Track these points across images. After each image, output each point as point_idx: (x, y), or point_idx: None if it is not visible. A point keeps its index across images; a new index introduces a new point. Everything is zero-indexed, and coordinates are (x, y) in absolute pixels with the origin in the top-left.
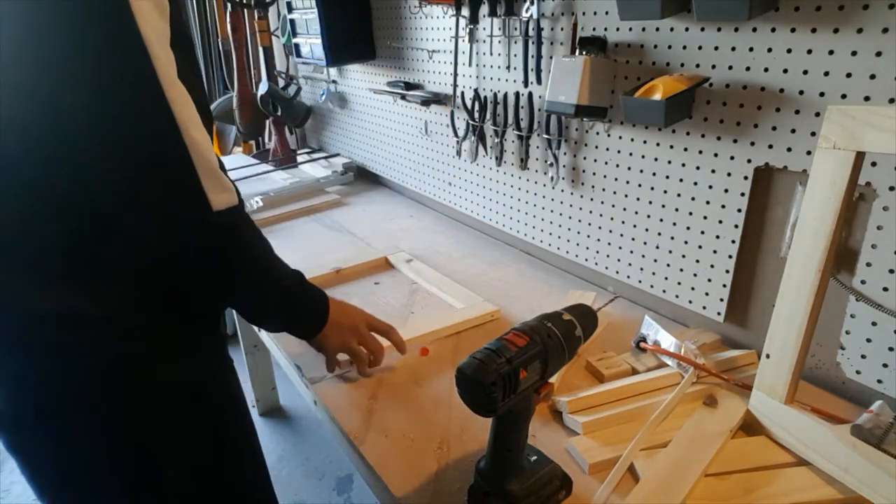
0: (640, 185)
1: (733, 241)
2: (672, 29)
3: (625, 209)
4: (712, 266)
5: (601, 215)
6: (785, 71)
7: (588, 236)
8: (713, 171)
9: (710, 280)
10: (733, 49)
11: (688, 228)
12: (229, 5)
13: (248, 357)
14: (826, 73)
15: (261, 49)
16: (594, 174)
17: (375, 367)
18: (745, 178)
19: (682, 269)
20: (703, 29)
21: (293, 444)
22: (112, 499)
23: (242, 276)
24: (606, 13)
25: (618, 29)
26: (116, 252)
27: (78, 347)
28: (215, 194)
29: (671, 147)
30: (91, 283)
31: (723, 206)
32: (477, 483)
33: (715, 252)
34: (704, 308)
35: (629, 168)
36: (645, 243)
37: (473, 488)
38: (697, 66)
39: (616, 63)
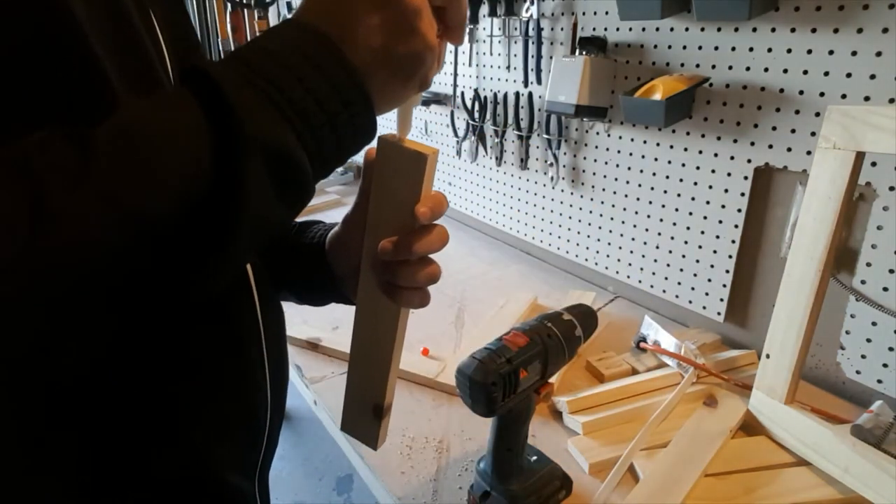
0: (640, 185)
1: (733, 241)
2: (672, 29)
3: (625, 209)
4: (712, 266)
5: (601, 215)
6: (785, 71)
7: (588, 236)
8: (713, 171)
9: (710, 280)
10: (733, 49)
11: (688, 228)
12: (229, 5)
13: None
14: (826, 73)
15: None
16: (594, 174)
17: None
18: (745, 178)
19: (682, 269)
20: (703, 29)
21: (293, 444)
22: None
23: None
24: (606, 13)
25: (618, 29)
26: None
27: None
28: (248, 112)
29: (671, 147)
30: None
31: (723, 206)
32: (477, 483)
33: (715, 252)
34: (704, 308)
35: (629, 168)
36: (645, 243)
37: (473, 488)
38: (697, 66)
39: (616, 63)
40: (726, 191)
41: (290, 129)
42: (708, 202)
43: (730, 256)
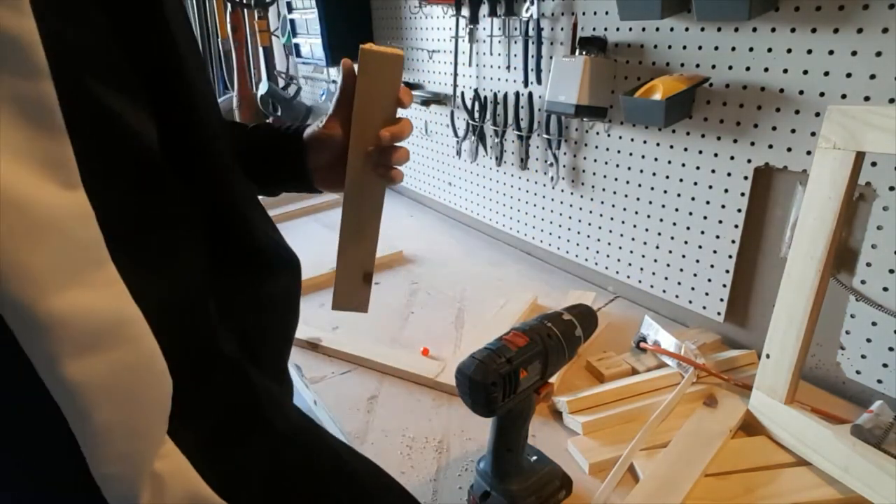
0: (640, 185)
1: (733, 241)
2: (672, 29)
3: (625, 209)
4: (712, 266)
5: (601, 215)
6: (785, 71)
7: (588, 236)
8: (713, 171)
9: (710, 280)
10: (733, 49)
11: (688, 228)
12: (229, 5)
13: None
14: (826, 73)
15: (261, 49)
16: (594, 174)
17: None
18: (745, 178)
19: (682, 269)
20: (703, 29)
21: None
22: None
23: None
24: (606, 13)
25: (618, 29)
26: None
27: None
28: None
29: (671, 147)
30: None
31: (723, 206)
32: (477, 483)
33: (715, 252)
34: (704, 308)
35: (629, 168)
36: (645, 243)
37: (473, 488)
38: (697, 66)
39: (616, 63)
40: (726, 191)
41: None
42: (708, 202)
43: (730, 256)
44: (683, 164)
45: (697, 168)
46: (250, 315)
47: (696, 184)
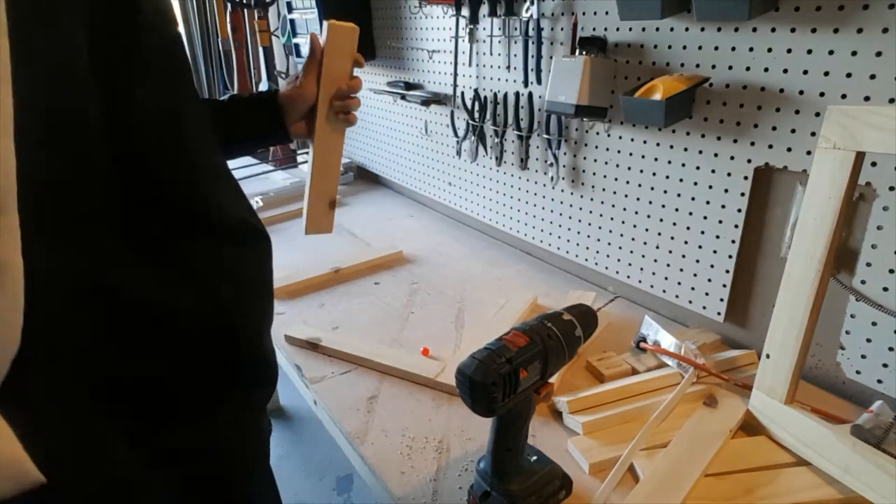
0: (640, 185)
1: (733, 241)
2: (672, 29)
3: (625, 209)
4: (712, 266)
5: (601, 215)
6: (785, 71)
7: (588, 236)
8: (713, 171)
9: (710, 280)
10: (733, 49)
11: (688, 228)
12: (229, 5)
13: None
14: (826, 73)
15: (261, 49)
16: (594, 174)
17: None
18: (745, 178)
19: (682, 269)
20: (703, 29)
21: (293, 444)
22: None
23: None
24: (606, 13)
25: (618, 29)
26: None
27: None
28: None
29: (671, 147)
30: None
31: (723, 206)
32: (477, 483)
33: (715, 252)
34: (704, 308)
35: (629, 168)
36: (645, 243)
37: (473, 488)
38: (697, 66)
39: (616, 63)
40: (726, 191)
41: None
42: (708, 202)
43: (730, 256)
44: (683, 164)
45: (697, 168)
46: (224, 286)
47: (696, 184)
